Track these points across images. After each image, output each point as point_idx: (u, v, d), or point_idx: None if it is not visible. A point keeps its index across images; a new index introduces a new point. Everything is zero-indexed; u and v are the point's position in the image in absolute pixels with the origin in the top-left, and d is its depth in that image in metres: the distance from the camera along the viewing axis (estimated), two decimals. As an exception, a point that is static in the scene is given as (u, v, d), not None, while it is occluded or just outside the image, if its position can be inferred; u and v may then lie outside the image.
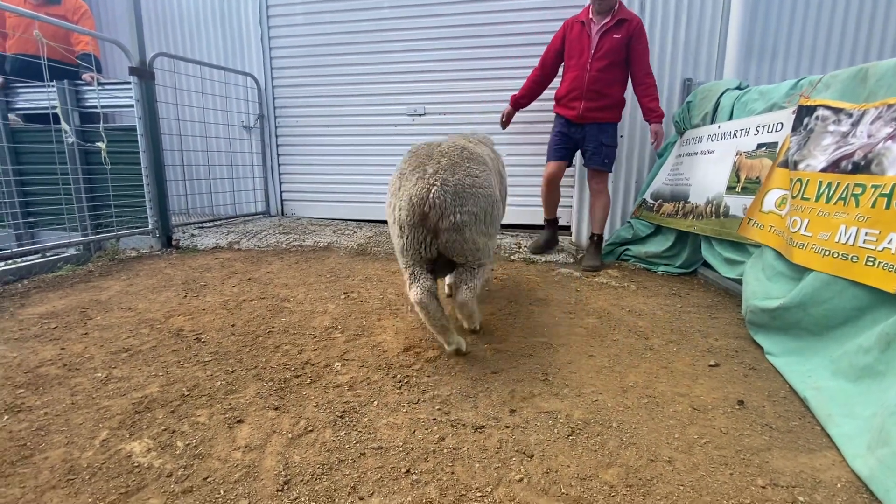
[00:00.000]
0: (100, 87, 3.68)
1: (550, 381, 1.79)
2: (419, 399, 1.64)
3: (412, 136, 4.67)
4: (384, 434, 1.44)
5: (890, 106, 1.79)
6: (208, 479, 1.25)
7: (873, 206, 1.67)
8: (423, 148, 1.94)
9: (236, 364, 1.87)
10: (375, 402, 1.61)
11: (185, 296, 2.64)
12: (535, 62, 4.50)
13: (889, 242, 1.61)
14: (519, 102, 3.64)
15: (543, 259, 3.62)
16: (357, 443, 1.40)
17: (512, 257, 3.65)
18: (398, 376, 1.79)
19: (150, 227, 3.68)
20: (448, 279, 2.42)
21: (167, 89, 4.35)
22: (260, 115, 4.86)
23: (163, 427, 1.47)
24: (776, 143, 2.51)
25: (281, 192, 5.09)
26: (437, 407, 1.59)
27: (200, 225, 4.45)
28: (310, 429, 1.47)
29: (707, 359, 2.00)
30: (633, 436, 1.46)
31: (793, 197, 2.14)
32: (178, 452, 1.36)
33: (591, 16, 3.26)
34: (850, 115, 1.98)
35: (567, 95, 3.41)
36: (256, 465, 1.31)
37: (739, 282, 2.55)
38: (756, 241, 2.44)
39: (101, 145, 3.49)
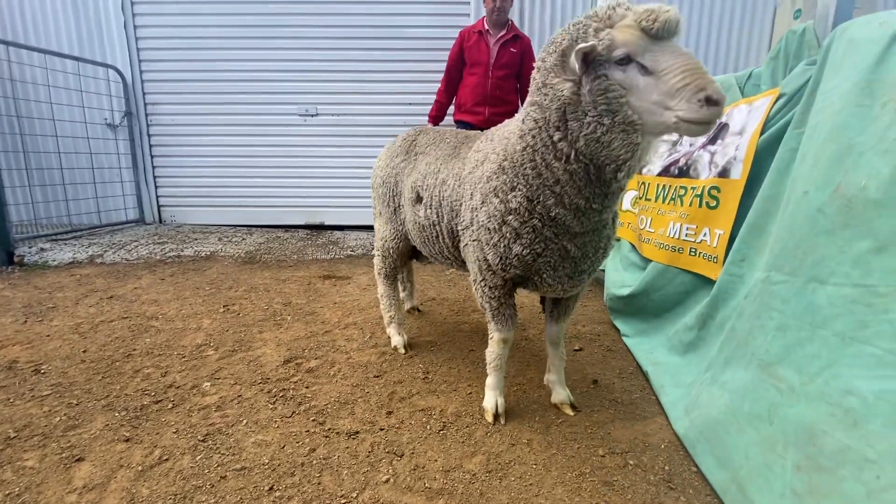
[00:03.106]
0: None
1: (430, 378, 1.85)
2: (293, 412, 1.60)
3: (305, 137, 4.53)
4: (250, 453, 1.39)
5: (704, 119, 2.12)
6: (31, 531, 1.11)
7: (691, 204, 1.97)
8: None
9: (83, 395, 1.67)
10: (245, 421, 1.54)
11: (26, 321, 2.29)
12: (428, 66, 4.60)
13: (704, 235, 1.91)
14: (437, 119, 3.56)
15: (439, 259, 3.71)
16: (218, 466, 1.33)
17: (409, 259, 3.69)
18: (273, 391, 1.73)
19: (-18, 242, 3.14)
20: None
21: (3, 81, 3.74)
22: (127, 112, 4.36)
23: (-24, 479, 1.27)
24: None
25: (157, 197, 4.62)
26: (311, 418, 1.57)
27: (54, 237, 3.88)
28: (165, 458, 1.36)
29: (574, 344, 2.21)
30: (499, 423, 1.57)
31: (639, 198, 2.44)
32: (-7, 506, 1.18)
33: (486, 27, 3.33)
34: (680, 126, 2.31)
35: (471, 102, 3.43)
36: (95, 507, 1.18)
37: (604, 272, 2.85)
38: (616, 237, 2.73)
39: None
